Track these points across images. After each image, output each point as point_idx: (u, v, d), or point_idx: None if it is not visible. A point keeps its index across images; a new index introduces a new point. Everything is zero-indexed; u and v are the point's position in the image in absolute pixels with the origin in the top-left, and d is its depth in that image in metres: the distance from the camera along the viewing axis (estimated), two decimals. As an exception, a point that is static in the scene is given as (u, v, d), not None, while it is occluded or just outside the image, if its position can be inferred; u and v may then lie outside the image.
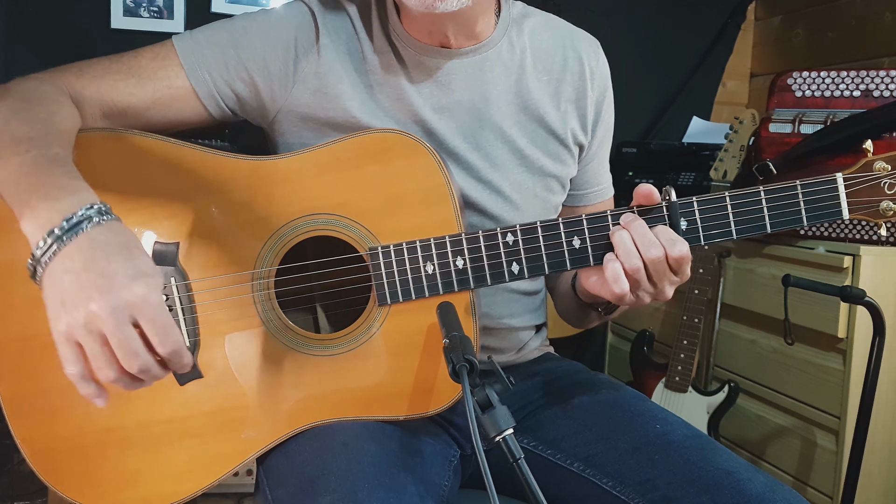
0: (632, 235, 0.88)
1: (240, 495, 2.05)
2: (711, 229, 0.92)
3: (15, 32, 1.99)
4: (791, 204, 0.91)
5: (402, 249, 0.94)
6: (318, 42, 1.02)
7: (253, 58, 1.01)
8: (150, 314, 0.75)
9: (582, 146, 1.13)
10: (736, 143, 1.87)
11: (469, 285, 0.94)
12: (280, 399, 0.96)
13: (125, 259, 0.76)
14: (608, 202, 1.21)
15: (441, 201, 0.96)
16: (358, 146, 0.97)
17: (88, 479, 0.94)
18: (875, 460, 1.60)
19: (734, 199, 0.91)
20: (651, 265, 0.88)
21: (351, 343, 0.96)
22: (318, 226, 0.96)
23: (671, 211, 0.91)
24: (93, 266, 0.74)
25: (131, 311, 0.75)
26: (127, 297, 0.74)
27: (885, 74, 1.68)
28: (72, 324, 0.74)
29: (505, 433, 0.71)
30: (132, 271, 0.75)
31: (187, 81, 1.00)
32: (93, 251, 0.75)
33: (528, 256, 0.94)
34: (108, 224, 0.78)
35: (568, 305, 1.16)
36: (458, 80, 1.04)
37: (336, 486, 0.84)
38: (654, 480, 0.93)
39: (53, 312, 0.75)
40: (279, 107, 1.03)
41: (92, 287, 0.74)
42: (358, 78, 1.03)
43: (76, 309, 0.74)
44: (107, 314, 0.73)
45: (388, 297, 0.95)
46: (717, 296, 1.88)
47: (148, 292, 0.75)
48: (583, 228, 0.93)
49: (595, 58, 1.13)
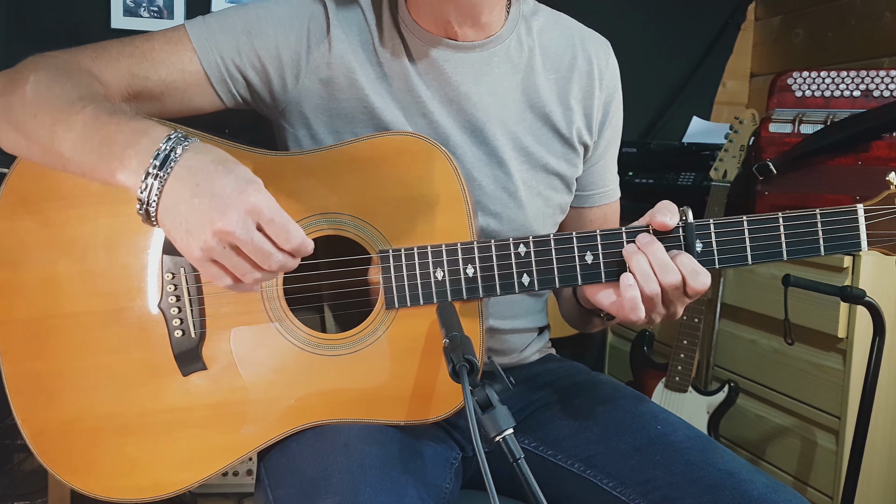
0: (649, 260, 0.88)
1: (240, 495, 2.05)
2: (727, 253, 0.90)
3: (15, 32, 1.99)
4: (810, 232, 0.90)
5: (413, 254, 0.94)
6: (329, 33, 1.02)
7: (265, 46, 1.01)
8: (269, 215, 0.79)
9: (587, 146, 1.12)
10: (736, 143, 1.87)
11: (478, 294, 0.94)
12: (281, 396, 0.96)
13: (225, 173, 0.79)
14: (614, 205, 1.21)
15: (455, 208, 0.95)
16: (374, 147, 0.96)
17: (86, 464, 0.95)
18: (875, 460, 1.60)
19: (752, 224, 0.90)
20: (668, 290, 0.88)
21: (356, 345, 0.96)
22: (330, 225, 0.96)
23: (687, 233, 0.90)
24: (200, 190, 0.78)
25: (252, 216, 0.78)
26: (244, 207, 0.78)
27: (885, 74, 1.68)
28: (205, 247, 0.78)
29: (505, 433, 0.71)
30: (237, 182, 0.79)
31: (200, 66, 1.00)
32: (193, 177, 0.79)
33: (539, 269, 0.93)
34: (192, 147, 0.81)
35: (570, 311, 1.16)
36: (465, 75, 1.04)
37: (337, 489, 0.84)
38: (654, 481, 0.93)
39: (183, 243, 0.80)
40: (289, 97, 1.03)
41: (209, 209, 0.78)
42: (371, 69, 1.03)
43: (203, 232, 0.78)
44: (233, 228, 0.77)
45: (396, 301, 0.95)
46: (717, 296, 1.88)
47: (259, 197, 0.79)
48: (596, 244, 0.92)
49: (605, 58, 1.12)
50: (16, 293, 0.94)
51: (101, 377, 0.95)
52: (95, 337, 0.95)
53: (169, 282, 0.95)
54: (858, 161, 1.63)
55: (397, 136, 0.97)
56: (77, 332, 0.95)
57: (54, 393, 0.94)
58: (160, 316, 0.96)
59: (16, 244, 0.95)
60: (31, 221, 0.95)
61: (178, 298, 0.95)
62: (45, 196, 0.95)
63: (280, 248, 0.80)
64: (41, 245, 0.95)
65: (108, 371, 0.95)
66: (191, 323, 0.95)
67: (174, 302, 0.95)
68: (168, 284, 0.95)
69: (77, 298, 0.95)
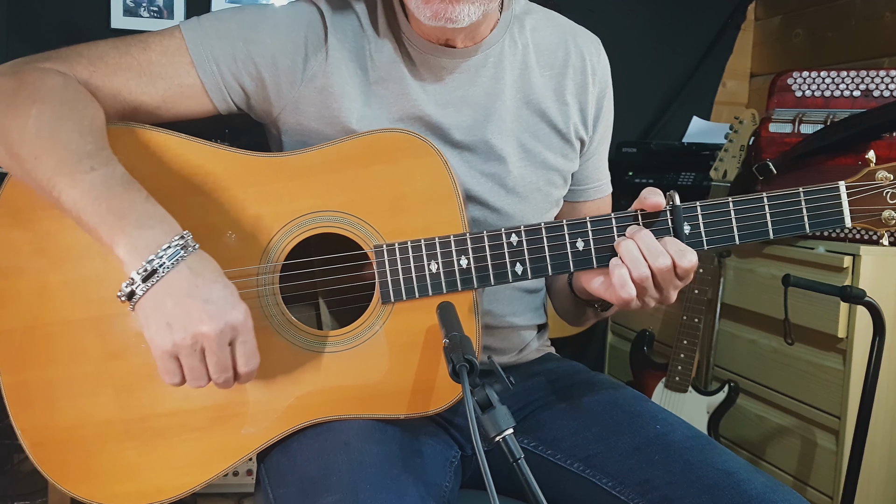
0: (638, 246, 0.89)
1: (240, 495, 2.05)
2: (714, 234, 0.93)
3: (15, 32, 1.99)
4: (794, 211, 0.92)
5: (407, 248, 0.95)
6: (326, 42, 1.02)
7: (262, 53, 1.01)
8: (246, 336, 0.84)
9: (583, 141, 1.14)
10: (736, 143, 1.87)
11: (472, 285, 0.95)
12: (281, 395, 0.96)
13: (223, 286, 0.84)
14: (607, 199, 1.22)
15: (446, 201, 0.96)
16: (366, 145, 0.97)
17: (87, 472, 0.94)
18: (875, 460, 1.60)
19: (737, 205, 0.92)
20: (659, 274, 0.89)
21: (353, 340, 0.96)
22: (324, 223, 0.96)
23: (675, 215, 0.92)
24: (198, 292, 0.82)
25: (233, 333, 0.83)
26: (231, 321, 0.83)
27: (885, 74, 1.68)
28: (179, 343, 0.82)
29: (505, 433, 0.71)
30: (232, 298, 0.84)
31: (197, 78, 1.00)
32: (194, 278, 0.82)
33: (531, 257, 0.94)
34: (197, 253, 0.85)
35: (564, 304, 1.16)
36: (462, 78, 1.05)
37: (338, 487, 0.84)
38: (653, 481, 0.93)
39: (156, 332, 0.82)
40: (284, 104, 1.03)
41: (200, 311, 0.81)
42: (362, 75, 1.03)
43: (184, 330, 0.81)
44: (214, 335, 0.82)
45: (392, 295, 0.95)
46: (717, 296, 1.88)
47: (246, 318, 0.84)
48: (587, 230, 0.93)
49: (596, 54, 1.14)
50: (9, 302, 0.93)
51: (100, 384, 0.94)
52: (92, 343, 0.94)
53: None
54: (858, 161, 1.63)
55: (387, 133, 0.98)
56: (73, 339, 0.94)
57: (52, 401, 0.94)
58: None
59: (8, 252, 0.94)
60: (24, 229, 0.94)
61: None
62: (39, 205, 0.93)
63: (236, 368, 0.85)
64: (35, 253, 0.94)
65: (107, 377, 0.94)
66: None
67: None
68: None
69: (72, 305, 0.94)
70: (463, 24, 0.95)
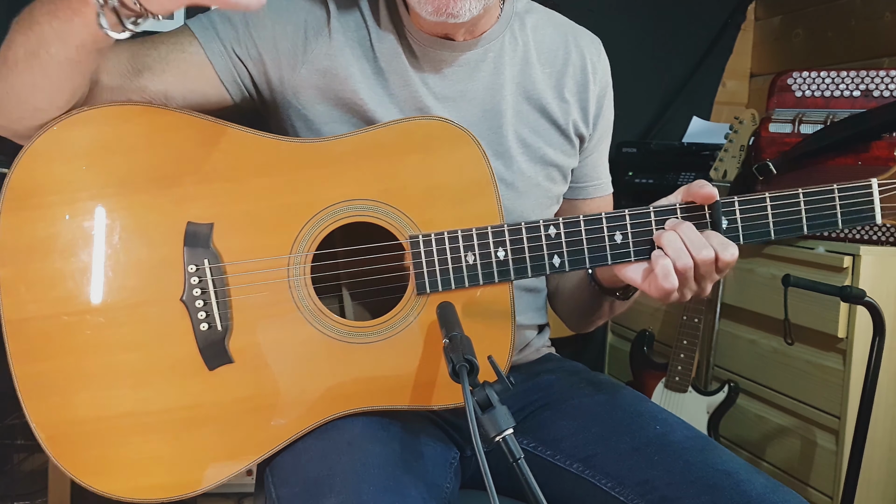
0: (681, 237, 0.89)
1: (240, 495, 2.05)
2: (751, 229, 0.93)
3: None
4: (828, 207, 0.93)
5: (444, 239, 0.94)
6: (328, 25, 1.03)
7: (263, 36, 1.02)
8: None
9: (583, 138, 1.14)
10: (736, 143, 1.87)
11: (509, 276, 0.95)
12: (313, 386, 0.94)
13: None
14: (607, 198, 1.23)
15: (484, 192, 0.96)
16: (401, 133, 0.96)
17: (106, 465, 0.92)
18: (875, 460, 1.60)
19: (774, 200, 0.93)
20: (702, 265, 0.89)
21: (387, 332, 0.95)
22: (358, 211, 0.95)
23: (714, 209, 0.92)
24: None
25: None
26: None
27: (885, 74, 1.68)
28: None
29: (505, 433, 0.71)
30: None
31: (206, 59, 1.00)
32: None
33: (569, 250, 0.94)
34: None
35: (577, 301, 1.16)
36: (461, 72, 1.06)
37: (341, 488, 0.84)
38: (653, 481, 0.93)
39: None
40: (286, 87, 1.04)
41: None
42: (367, 64, 1.04)
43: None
44: None
45: (428, 287, 0.95)
46: (717, 296, 1.88)
47: None
48: (625, 223, 0.93)
49: (597, 54, 1.15)
50: (25, 291, 0.91)
51: (120, 375, 0.92)
52: (112, 333, 0.92)
53: (192, 274, 0.93)
54: (858, 161, 1.63)
55: (424, 122, 0.97)
56: (91, 329, 0.92)
57: (69, 393, 0.91)
58: (183, 310, 0.93)
59: (22, 241, 0.91)
60: (38, 217, 0.91)
61: (203, 291, 0.93)
62: (53, 189, 0.91)
63: None
64: (50, 241, 0.91)
65: (127, 368, 0.92)
66: (216, 315, 0.93)
67: (198, 295, 0.93)
68: (192, 277, 0.93)
69: (90, 295, 0.92)
70: (464, 18, 0.95)
